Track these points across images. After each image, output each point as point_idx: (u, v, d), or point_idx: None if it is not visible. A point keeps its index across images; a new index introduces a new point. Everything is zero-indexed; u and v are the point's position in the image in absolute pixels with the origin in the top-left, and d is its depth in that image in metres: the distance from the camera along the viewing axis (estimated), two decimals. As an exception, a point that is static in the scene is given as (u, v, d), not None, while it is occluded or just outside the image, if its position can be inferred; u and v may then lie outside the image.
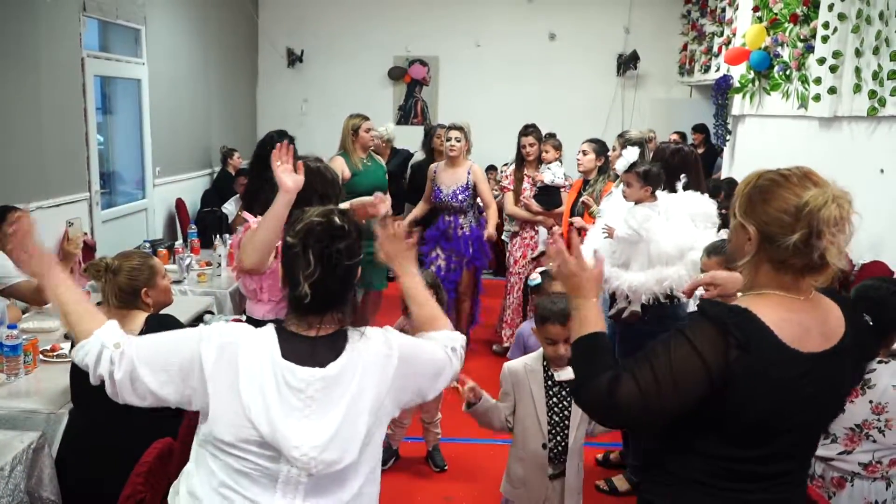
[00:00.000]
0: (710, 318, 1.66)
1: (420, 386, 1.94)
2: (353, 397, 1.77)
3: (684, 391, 1.63)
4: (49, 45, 5.74)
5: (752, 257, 1.71)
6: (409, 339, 1.96)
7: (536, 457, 2.82)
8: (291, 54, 10.73)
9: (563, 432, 2.82)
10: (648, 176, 3.61)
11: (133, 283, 2.84)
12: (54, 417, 2.85)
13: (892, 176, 5.33)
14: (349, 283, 1.87)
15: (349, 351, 1.81)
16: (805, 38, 6.55)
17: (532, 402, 2.81)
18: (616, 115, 10.59)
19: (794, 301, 1.69)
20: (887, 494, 2.58)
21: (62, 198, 5.93)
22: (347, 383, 1.77)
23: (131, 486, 2.23)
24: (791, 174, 1.70)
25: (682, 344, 1.65)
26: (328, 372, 1.76)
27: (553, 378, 2.82)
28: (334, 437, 1.74)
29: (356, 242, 1.84)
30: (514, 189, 5.78)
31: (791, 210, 1.63)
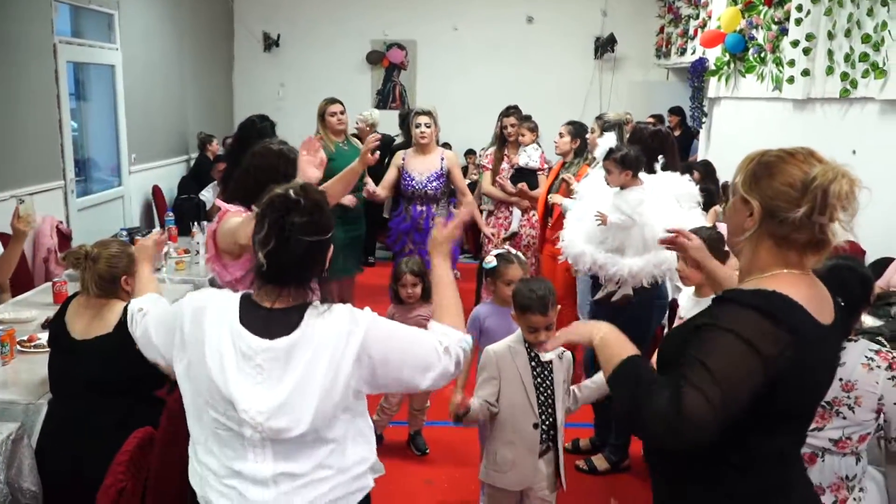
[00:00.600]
0: (752, 307, 1.58)
1: (401, 375, 1.90)
2: (305, 372, 1.80)
3: (747, 390, 1.54)
4: (20, 31, 5.66)
5: (752, 234, 1.69)
6: (389, 324, 1.94)
7: (527, 437, 2.83)
8: (268, 38, 10.65)
9: (548, 411, 2.85)
10: (626, 160, 3.63)
11: (112, 271, 2.83)
12: (33, 408, 2.84)
13: (864, 157, 5.40)
14: (309, 259, 1.86)
15: (303, 327, 1.82)
16: (779, 21, 6.60)
17: (521, 383, 2.82)
18: (594, 97, 10.62)
19: (804, 277, 1.69)
20: (857, 469, 2.63)
21: (36, 186, 5.87)
22: (300, 358, 1.80)
23: (112, 476, 2.24)
24: (796, 151, 1.69)
25: (733, 340, 1.55)
26: (276, 345, 1.81)
27: (537, 358, 2.84)
28: (282, 406, 1.79)
29: (316, 219, 1.84)
30: (492, 168, 5.78)
31: (797, 184, 1.61)
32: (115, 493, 2.23)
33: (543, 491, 2.91)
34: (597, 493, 3.83)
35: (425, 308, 4.08)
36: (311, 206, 1.84)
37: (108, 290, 2.83)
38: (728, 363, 1.53)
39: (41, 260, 5.71)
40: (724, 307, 1.63)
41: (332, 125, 5.47)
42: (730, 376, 1.53)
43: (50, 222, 5.85)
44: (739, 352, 1.54)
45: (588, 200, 3.90)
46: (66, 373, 2.79)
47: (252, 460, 1.84)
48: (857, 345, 2.59)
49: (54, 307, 3.78)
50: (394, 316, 4.05)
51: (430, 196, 5.25)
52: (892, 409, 2.56)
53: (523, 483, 2.89)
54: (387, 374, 1.88)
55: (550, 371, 2.85)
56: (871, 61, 5.21)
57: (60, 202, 6.27)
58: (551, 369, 2.86)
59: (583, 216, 3.87)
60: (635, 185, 3.66)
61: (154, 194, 8.13)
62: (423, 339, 1.94)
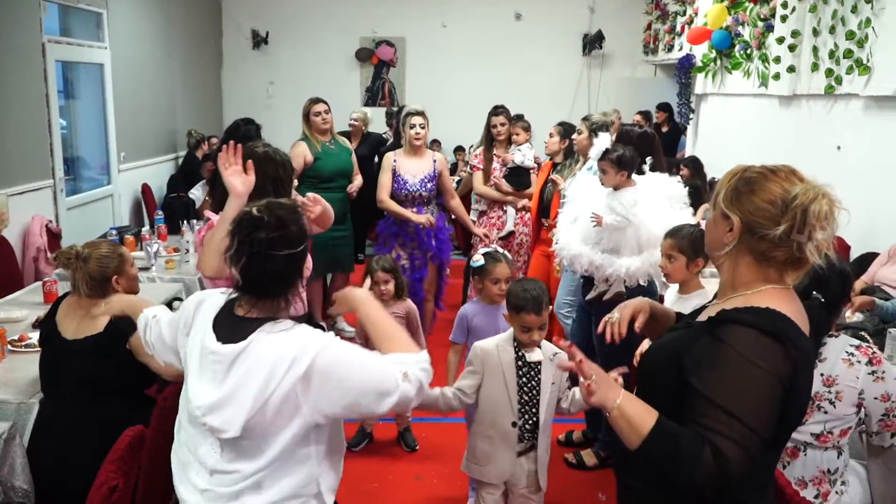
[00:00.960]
0: (751, 326, 1.59)
1: (356, 401, 1.88)
2: (240, 382, 1.87)
3: (771, 413, 1.57)
4: (8, 30, 5.65)
5: (731, 249, 1.70)
6: (342, 352, 1.92)
7: (505, 434, 2.87)
8: (256, 36, 10.64)
9: (531, 411, 2.87)
10: (622, 161, 3.66)
11: (103, 271, 2.85)
12: (25, 407, 2.86)
13: (849, 152, 5.47)
14: (279, 273, 1.92)
15: (249, 340, 1.89)
16: (765, 18, 6.65)
17: (504, 381, 2.85)
18: (582, 94, 10.67)
19: (788, 291, 1.70)
20: (839, 462, 2.68)
21: (26, 185, 5.87)
22: (239, 367, 1.88)
23: (104, 474, 2.25)
24: (779, 169, 1.69)
25: (743, 365, 1.57)
26: (221, 350, 1.90)
27: (524, 359, 2.87)
28: (215, 406, 1.88)
29: (282, 234, 1.90)
30: (483, 168, 5.77)
31: (778, 202, 1.62)
32: (106, 490, 2.24)
33: (526, 489, 2.95)
34: (585, 488, 3.87)
35: (398, 305, 4.11)
36: (275, 223, 1.90)
37: (99, 290, 2.85)
38: (752, 399, 1.55)
39: (31, 259, 5.71)
40: (722, 329, 1.63)
41: (316, 125, 5.47)
42: (758, 413, 1.55)
43: (39, 221, 5.85)
44: (752, 379, 1.56)
45: (580, 202, 3.92)
46: (58, 372, 2.81)
47: (210, 447, 1.95)
48: (838, 340, 2.63)
49: (45, 306, 3.80)
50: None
51: (423, 198, 5.10)
52: (872, 403, 2.60)
53: (501, 476, 2.93)
54: (339, 400, 1.88)
55: (538, 372, 2.87)
56: (856, 58, 5.26)
57: (50, 201, 6.27)
58: (539, 370, 2.88)
59: (576, 218, 3.88)
60: (629, 186, 3.70)
61: (143, 193, 8.12)
62: (380, 366, 1.91)
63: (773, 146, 6.59)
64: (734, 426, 1.53)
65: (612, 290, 3.74)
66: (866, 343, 2.73)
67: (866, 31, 5.12)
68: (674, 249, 3.28)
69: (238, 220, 1.94)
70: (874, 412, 2.62)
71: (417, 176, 5.04)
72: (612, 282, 3.71)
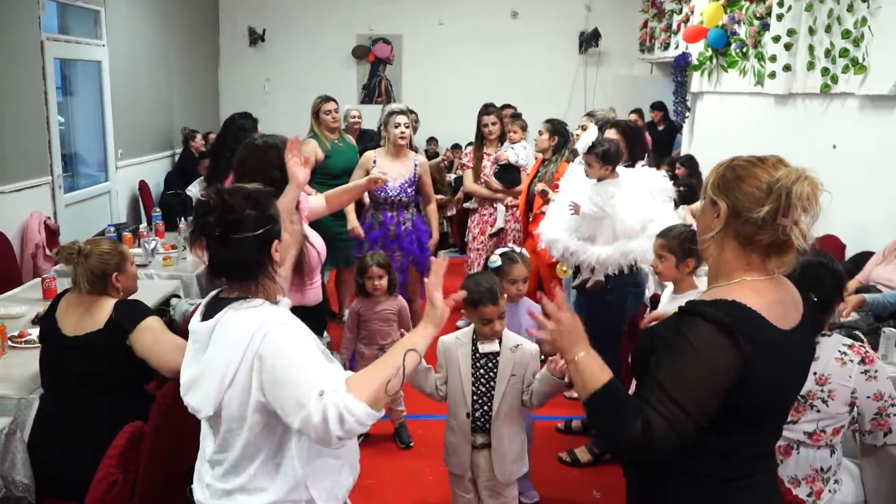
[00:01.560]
0: (709, 320, 1.65)
1: (282, 402, 1.79)
2: (210, 358, 1.89)
3: (710, 401, 1.64)
4: (7, 28, 5.67)
5: (717, 233, 1.75)
6: (286, 345, 1.83)
7: (462, 426, 2.93)
8: (253, 33, 10.65)
9: (488, 403, 2.90)
10: (607, 156, 3.79)
11: (104, 267, 2.87)
12: (25, 402, 2.88)
13: (844, 151, 5.49)
14: (240, 256, 1.93)
15: (219, 316, 1.91)
16: (761, 16, 6.68)
17: (459, 373, 2.91)
18: (578, 92, 10.69)
19: (767, 282, 1.73)
20: (832, 461, 2.70)
21: (24, 182, 5.88)
22: (211, 344, 1.90)
23: (104, 469, 2.28)
24: (767, 158, 1.74)
25: (693, 355, 1.64)
26: (198, 327, 1.95)
27: (479, 350, 2.91)
28: (190, 385, 1.93)
29: (228, 219, 1.91)
30: (473, 167, 5.82)
31: (763, 186, 1.67)
32: (107, 485, 2.27)
33: (490, 481, 2.97)
34: (579, 485, 3.89)
35: (391, 301, 4.15)
36: (221, 208, 1.91)
37: (99, 286, 2.87)
38: (686, 378, 1.63)
39: (29, 255, 5.72)
40: (685, 320, 1.70)
41: (326, 123, 5.53)
42: (693, 398, 1.63)
43: (38, 218, 5.87)
44: (698, 369, 1.63)
45: (568, 192, 4.05)
46: (58, 368, 2.82)
47: (209, 436, 1.99)
48: (831, 339, 2.66)
49: (44, 303, 3.82)
50: (359, 310, 4.15)
51: (402, 203, 4.99)
52: (865, 402, 2.63)
53: (462, 467, 2.98)
54: (271, 392, 1.81)
55: (495, 364, 2.89)
56: (851, 57, 5.29)
57: (48, 198, 6.28)
58: (496, 362, 2.89)
59: (562, 207, 4.02)
60: (612, 179, 3.82)
61: (141, 190, 8.13)
62: (309, 377, 1.78)
63: (769, 145, 6.61)
64: (666, 404, 1.63)
65: (593, 278, 3.87)
66: (860, 342, 2.75)
67: (862, 30, 5.15)
68: (664, 249, 3.31)
69: (194, 206, 1.99)
70: (867, 411, 2.64)
71: (398, 180, 4.90)
72: (592, 269, 3.85)
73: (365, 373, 1.85)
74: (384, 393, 1.80)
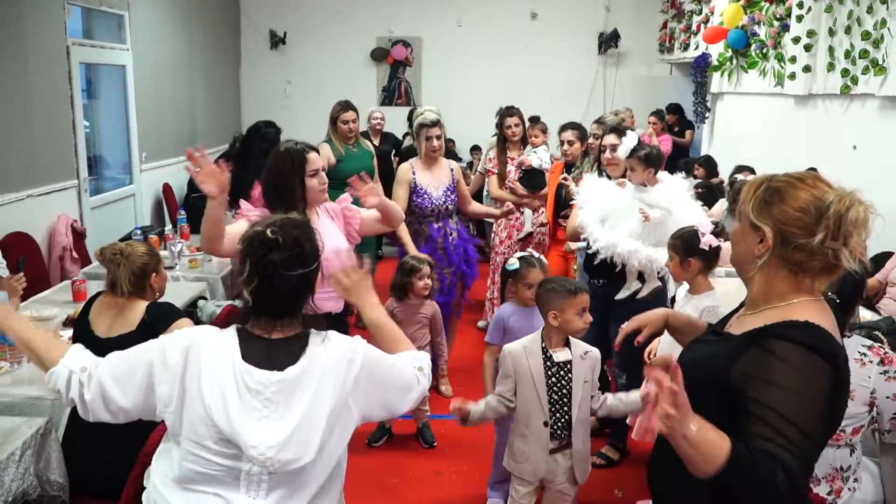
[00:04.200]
0: (807, 346, 1.58)
1: (388, 398, 2.00)
2: (312, 400, 1.84)
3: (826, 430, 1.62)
4: (34, 33, 5.76)
5: (764, 262, 1.67)
6: (376, 351, 2.01)
7: (538, 433, 2.94)
8: (274, 36, 10.73)
9: (563, 409, 2.93)
10: (650, 159, 3.78)
11: (145, 268, 2.96)
12: (59, 403, 2.94)
13: (865, 152, 5.49)
14: (294, 292, 1.91)
15: (309, 355, 1.87)
16: (781, 17, 6.67)
17: (532, 382, 2.91)
18: (598, 93, 10.69)
19: (820, 302, 1.69)
20: (852, 460, 2.72)
21: (51, 185, 5.98)
22: (306, 386, 1.84)
23: (139, 468, 2.33)
24: (804, 177, 1.66)
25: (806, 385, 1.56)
26: (286, 375, 1.84)
27: (552, 359, 2.93)
28: (290, 437, 1.81)
29: (297, 253, 1.88)
30: (498, 172, 5.75)
31: (811, 210, 1.59)
32: (141, 483, 2.33)
33: (563, 484, 3.01)
34: (601, 484, 3.91)
35: (427, 306, 4.17)
36: (290, 243, 1.88)
37: (139, 286, 2.95)
38: (809, 412, 1.55)
39: (56, 258, 5.82)
40: (774, 344, 1.61)
41: (343, 133, 5.53)
42: (815, 426, 1.56)
43: (65, 221, 5.96)
44: (812, 394, 1.56)
45: (603, 203, 3.94)
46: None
47: (245, 495, 1.84)
48: (851, 340, 2.67)
49: (74, 305, 3.90)
50: (395, 313, 4.12)
51: (448, 211, 4.81)
52: (884, 402, 2.65)
53: (537, 474, 3.00)
54: (377, 400, 1.98)
55: (568, 371, 2.93)
56: (872, 58, 5.28)
57: (74, 201, 6.37)
58: (569, 369, 2.93)
59: (604, 219, 3.90)
60: (656, 183, 3.81)
61: (164, 192, 8.22)
62: (403, 364, 2.06)
63: (789, 146, 6.61)
64: (796, 438, 1.53)
65: (646, 287, 3.84)
66: (879, 343, 2.77)
67: (882, 32, 5.15)
68: (671, 249, 3.35)
69: (249, 242, 1.89)
70: (886, 411, 2.66)
71: (440, 188, 4.77)
72: (640, 277, 3.82)
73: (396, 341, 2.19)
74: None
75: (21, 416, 2.83)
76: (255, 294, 1.88)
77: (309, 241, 1.93)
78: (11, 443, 2.59)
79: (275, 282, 1.86)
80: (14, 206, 5.44)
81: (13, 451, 2.55)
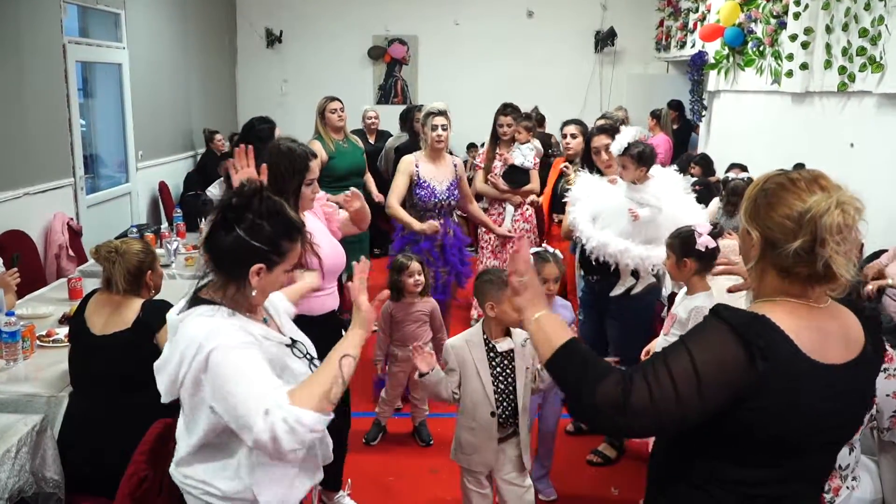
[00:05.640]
0: (728, 324, 1.54)
1: (231, 419, 1.83)
2: (171, 351, 1.95)
3: (707, 397, 1.52)
4: (30, 32, 5.74)
5: (756, 263, 1.64)
6: (233, 361, 1.84)
7: (486, 424, 2.94)
8: (270, 35, 10.71)
9: (509, 398, 2.95)
10: (643, 157, 3.80)
11: (141, 266, 2.95)
12: (55, 400, 2.94)
13: (862, 150, 5.49)
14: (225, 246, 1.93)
15: (186, 314, 1.96)
16: (777, 15, 6.67)
17: (477, 374, 2.92)
18: (594, 91, 10.70)
19: (809, 308, 1.60)
20: (850, 459, 2.71)
21: (48, 184, 5.96)
22: (174, 337, 1.97)
23: (134, 466, 2.33)
24: (800, 178, 1.60)
25: (703, 346, 1.54)
26: (170, 317, 2.03)
27: (495, 349, 2.94)
28: (159, 368, 1.99)
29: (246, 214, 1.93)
30: (484, 167, 5.80)
31: (794, 216, 1.55)
32: (136, 481, 2.32)
33: (510, 474, 3.02)
34: (598, 482, 3.92)
35: (424, 303, 4.15)
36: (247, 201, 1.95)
37: (134, 284, 2.94)
38: (690, 369, 1.52)
39: (53, 256, 5.80)
40: (707, 319, 1.61)
41: (332, 122, 5.53)
42: (685, 381, 1.52)
43: (61, 219, 5.95)
44: (705, 360, 1.52)
45: (594, 201, 3.97)
46: (87, 367, 2.89)
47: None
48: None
49: (70, 303, 3.89)
50: (392, 312, 4.12)
51: (451, 207, 4.74)
52: (883, 400, 2.65)
53: (486, 465, 3.00)
54: (220, 408, 1.85)
55: (511, 360, 2.95)
56: (869, 55, 5.29)
57: (70, 199, 6.36)
58: (512, 357, 2.94)
59: (595, 217, 3.93)
60: (648, 180, 3.83)
61: (161, 190, 8.21)
62: (249, 399, 1.78)
63: (786, 143, 6.61)
64: (660, 376, 1.53)
65: (641, 282, 3.87)
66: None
67: (879, 29, 5.15)
68: (668, 248, 3.35)
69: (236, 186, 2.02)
70: (885, 409, 2.67)
71: (444, 183, 4.68)
72: (633, 273, 3.84)
73: (305, 385, 1.86)
74: (327, 402, 1.81)
75: (17, 414, 2.83)
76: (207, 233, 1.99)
77: (273, 226, 1.95)
78: (7, 440, 2.59)
79: (219, 223, 1.95)
80: (10, 204, 5.42)
81: (9, 449, 2.55)
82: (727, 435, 1.59)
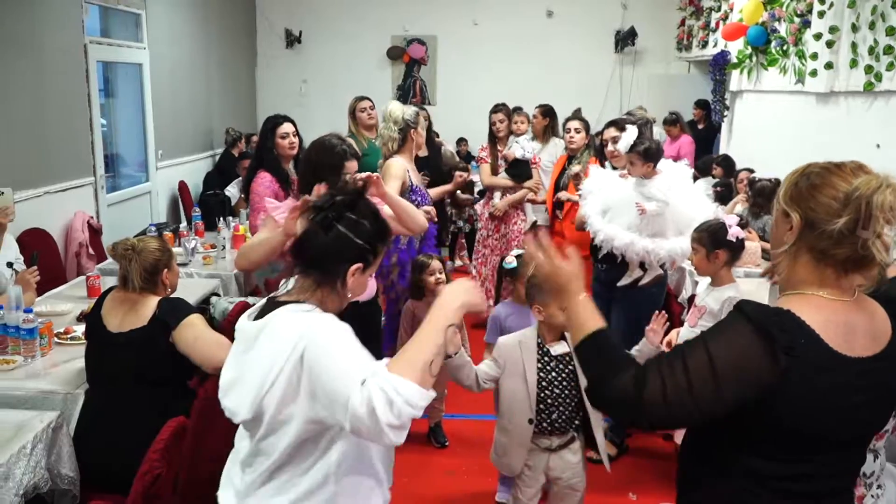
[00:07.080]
0: (751, 320, 1.53)
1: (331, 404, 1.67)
2: (251, 362, 1.78)
3: (722, 395, 1.52)
4: (52, 32, 5.79)
5: (790, 246, 1.60)
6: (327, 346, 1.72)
7: (521, 430, 2.87)
8: (290, 35, 10.75)
9: (565, 402, 2.86)
10: (649, 153, 3.85)
11: (157, 264, 2.95)
12: (71, 397, 2.94)
13: (888, 150, 5.39)
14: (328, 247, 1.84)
15: (269, 317, 1.81)
16: (802, 14, 6.58)
17: (523, 376, 2.85)
18: (614, 91, 10.62)
19: (837, 302, 1.58)
20: (875, 466, 2.65)
21: (68, 182, 6.01)
22: (256, 345, 1.79)
23: (148, 463, 2.33)
24: (845, 164, 1.58)
25: (724, 344, 1.53)
26: (244, 326, 1.87)
27: (549, 353, 2.87)
28: (229, 387, 1.84)
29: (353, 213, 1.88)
30: (490, 163, 6.01)
31: (840, 196, 1.52)
32: (150, 479, 2.32)
33: (571, 480, 2.96)
34: (616, 488, 3.86)
35: None
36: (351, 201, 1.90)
37: (150, 282, 2.94)
38: (707, 364, 1.52)
39: (73, 254, 5.84)
40: (732, 316, 1.58)
41: (363, 120, 5.67)
42: (700, 378, 1.51)
43: (81, 218, 5.99)
44: (724, 358, 1.52)
45: (605, 195, 4.06)
46: (103, 364, 2.89)
47: (241, 437, 1.91)
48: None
49: (88, 300, 3.90)
50: (414, 310, 4.10)
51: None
52: (907, 405, 2.59)
53: (513, 470, 2.95)
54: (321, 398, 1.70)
55: (566, 363, 2.87)
56: None
57: (91, 198, 6.40)
58: (567, 361, 2.87)
59: (605, 210, 4.01)
60: (655, 175, 3.88)
61: (180, 190, 8.25)
62: (348, 370, 1.66)
63: (810, 144, 6.52)
64: (676, 371, 1.53)
65: (649, 274, 3.93)
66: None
67: (906, 27, 5.07)
68: (696, 242, 3.42)
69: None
70: (911, 411, 2.61)
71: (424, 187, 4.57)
72: (641, 266, 3.92)
73: (403, 353, 1.71)
74: (429, 374, 1.67)
75: (33, 410, 2.82)
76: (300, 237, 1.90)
77: (374, 226, 1.90)
78: (23, 436, 2.58)
79: (316, 224, 1.86)
80: (31, 202, 5.45)
81: (24, 445, 2.54)
82: (756, 430, 1.58)
